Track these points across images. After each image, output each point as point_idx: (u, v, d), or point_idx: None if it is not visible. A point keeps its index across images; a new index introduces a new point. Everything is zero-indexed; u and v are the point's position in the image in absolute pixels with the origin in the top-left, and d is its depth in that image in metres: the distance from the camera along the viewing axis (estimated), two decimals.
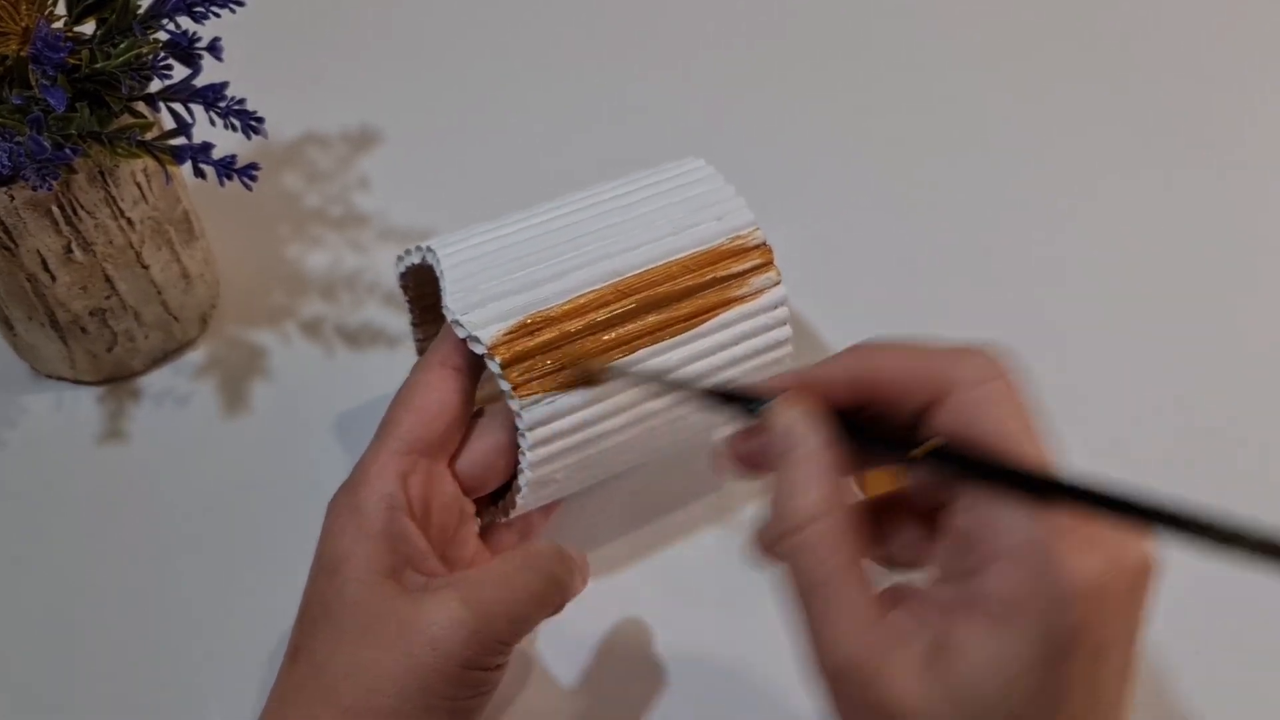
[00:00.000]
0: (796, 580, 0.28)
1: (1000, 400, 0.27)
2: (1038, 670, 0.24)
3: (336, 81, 0.67)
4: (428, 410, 0.38)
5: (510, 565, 0.36)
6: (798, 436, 0.28)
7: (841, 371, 0.29)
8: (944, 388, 0.27)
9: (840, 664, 0.26)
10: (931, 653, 0.26)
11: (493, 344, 0.37)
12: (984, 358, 0.27)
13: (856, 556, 0.27)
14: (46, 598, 0.45)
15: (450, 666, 0.33)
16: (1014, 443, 0.26)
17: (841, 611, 0.27)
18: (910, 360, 0.28)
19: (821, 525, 0.27)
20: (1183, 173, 0.62)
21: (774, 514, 0.28)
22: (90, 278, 0.46)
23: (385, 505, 0.35)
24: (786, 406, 0.29)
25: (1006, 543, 0.25)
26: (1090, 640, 0.24)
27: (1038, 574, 0.24)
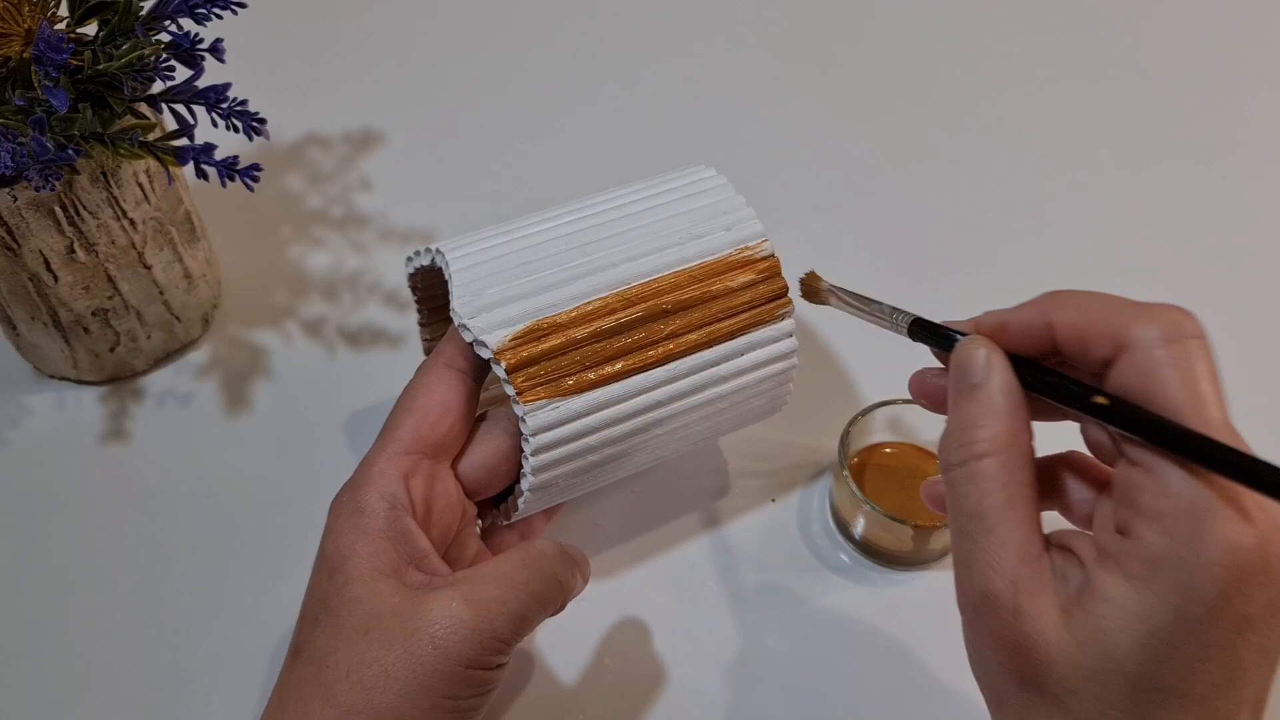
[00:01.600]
0: (963, 506, 0.28)
1: (1181, 361, 0.26)
2: (1174, 632, 0.25)
3: (338, 83, 0.67)
4: (431, 412, 0.38)
5: (511, 564, 0.36)
6: (983, 373, 0.29)
7: (1032, 318, 0.29)
8: (1126, 342, 0.27)
9: (989, 592, 0.27)
10: (1078, 598, 0.26)
11: (499, 349, 0.37)
12: (1171, 317, 0.27)
13: (1025, 495, 0.28)
14: (48, 597, 0.45)
15: (452, 666, 0.33)
16: (1188, 405, 0.26)
17: (1000, 543, 0.27)
18: (1097, 312, 0.28)
19: (996, 459, 0.28)
20: (1186, 169, 0.62)
21: (952, 442, 0.29)
22: (93, 278, 0.46)
23: (387, 505, 0.36)
24: (976, 344, 0.29)
25: (1161, 503, 0.25)
26: (1233, 611, 0.24)
27: (1185, 537, 0.25)
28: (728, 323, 0.39)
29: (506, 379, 0.36)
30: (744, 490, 0.48)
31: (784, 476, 0.48)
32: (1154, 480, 0.26)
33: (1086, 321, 0.28)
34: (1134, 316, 0.27)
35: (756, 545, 0.46)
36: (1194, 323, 0.27)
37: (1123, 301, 0.28)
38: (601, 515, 0.47)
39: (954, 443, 0.29)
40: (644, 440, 0.40)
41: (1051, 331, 0.29)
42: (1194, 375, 0.26)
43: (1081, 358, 0.28)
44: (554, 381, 0.37)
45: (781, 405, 0.43)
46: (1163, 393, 0.26)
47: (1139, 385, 0.26)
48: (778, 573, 0.45)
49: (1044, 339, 0.29)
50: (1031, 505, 0.28)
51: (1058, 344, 0.29)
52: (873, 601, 0.44)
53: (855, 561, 0.45)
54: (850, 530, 0.45)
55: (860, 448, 0.46)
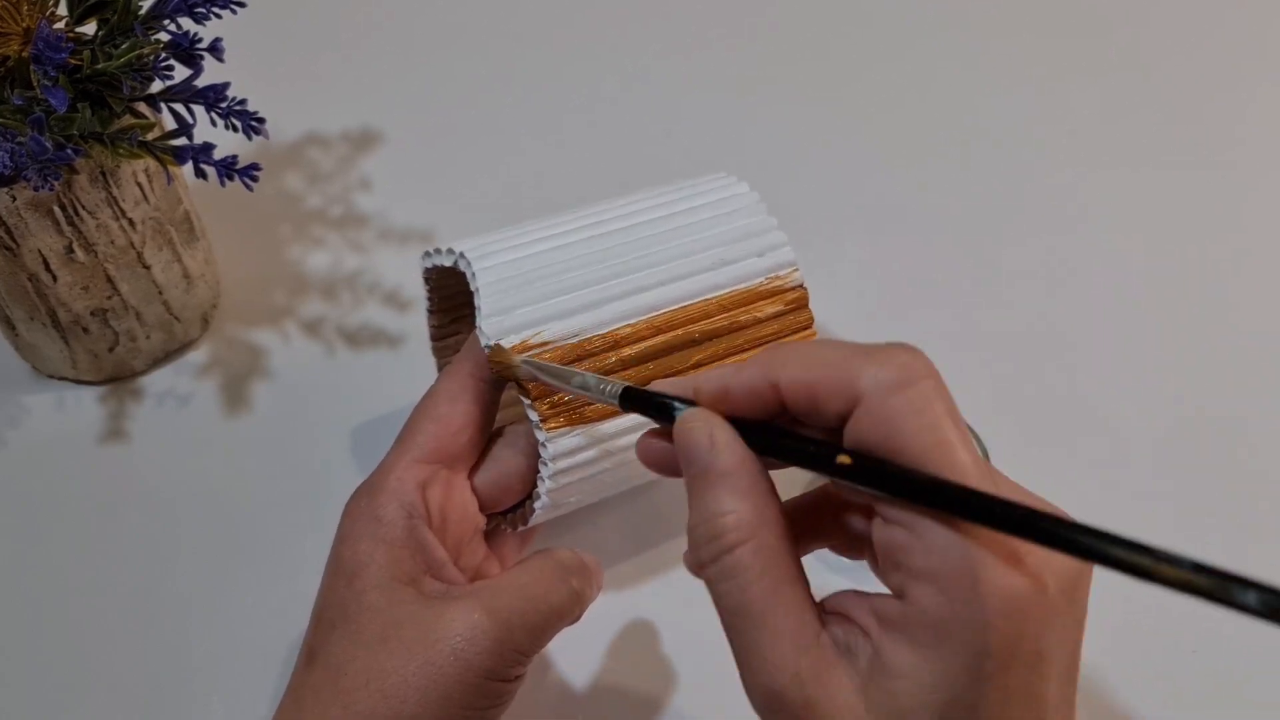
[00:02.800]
0: (725, 604, 0.26)
1: (917, 406, 0.24)
2: (972, 689, 0.24)
3: (338, 82, 0.67)
4: (452, 422, 0.38)
5: (531, 576, 0.35)
6: (709, 453, 0.27)
7: (755, 379, 0.27)
8: (857, 395, 0.25)
9: (775, 690, 0.25)
10: (870, 675, 0.25)
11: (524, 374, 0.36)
12: (899, 359, 0.25)
13: (789, 575, 0.26)
14: (48, 598, 0.45)
15: (471, 677, 0.33)
16: (933, 451, 0.24)
17: (773, 637, 0.25)
18: (822, 366, 0.26)
19: (748, 547, 0.26)
20: (1188, 170, 0.62)
21: (698, 539, 0.27)
22: (92, 278, 0.46)
23: (405, 514, 0.35)
24: (695, 420, 0.27)
25: (930, 561, 0.24)
26: (1025, 652, 0.24)
27: (961, 595, 0.23)
28: (751, 353, 0.39)
29: (530, 404, 0.36)
30: None
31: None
32: (917, 539, 0.24)
33: (812, 377, 0.26)
34: (862, 365, 0.25)
35: None
36: (923, 361, 0.25)
37: (848, 349, 0.26)
38: (603, 517, 0.46)
39: (700, 538, 0.27)
40: None
41: (777, 393, 0.26)
42: (934, 419, 0.24)
43: (815, 416, 0.26)
44: (578, 409, 0.37)
45: None
46: (905, 442, 0.24)
47: (879, 437, 0.24)
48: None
49: (771, 401, 0.27)
50: (798, 583, 0.26)
51: (786, 404, 0.26)
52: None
53: (855, 562, 0.45)
54: None
55: None
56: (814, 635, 0.26)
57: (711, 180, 0.43)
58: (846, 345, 0.26)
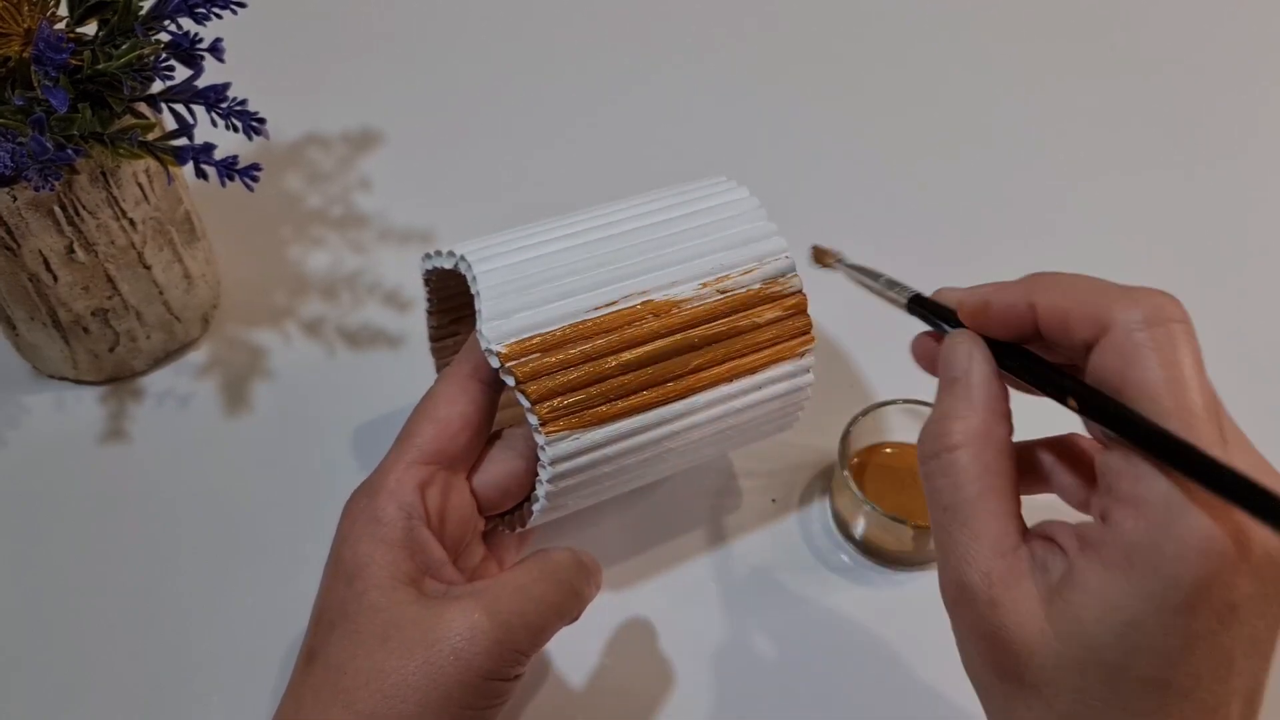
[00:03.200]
0: (937, 499, 0.28)
1: (1162, 345, 0.25)
2: (1153, 622, 0.24)
3: (338, 83, 0.67)
4: (451, 424, 0.38)
5: (530, 576, 0.36)
6: (964, 365, 0.29)
7: (1016, 298, 0.29)
8: (1107, 325, 0.26)
9: (964, 584, 0.27)
10: (1059, 588, 0.26)
11: (524, 377, 0.36)
12: (1154, 300, 0.26)
13: (1000, 487, 0.28)
14: (48, 597, 0.45)
15: (472, 677, 0.33)
16: (1167, 389, 0.25)
17: (975, 535, 0.27)
18: (1080, 294, 0.27)
19: (967, 451, 0.28)
20: (1188, 170, 0.62)
21: (927, 434, 0.29)
22: (92, 278, 0.46)
23: (405, 515, 0.35)
24: (961, 339, 0.30)
25: (1138, 488, 0.25)
26: (1215, 600, 0.24)
27: (1162, 526, 0.24)
28: (750, 358, 0.39)
29: (530, 408, 0.36)
30: (745, 490, 0.48)
31: (784, 477, 0.48)
32: (1131, 467, 0.25)
33: (1068, 304, 0.27)
34: (1116, 299, 0.26)
35: (757, 546, 0.46)
36: (1178, 307, 0.26)
37: (1106, 284, 0.27)
38: (602, 517, 0.47)
39: (929, 434, 0.29)
40: (655, 461, 0.40)
41: (1034, 314, 0.28)
42: (1175, 359, 0.25)
43: (1064, 340, 0.28)
44: (577, 413, 0.37)
45: (791, 425, 0.43)
46: (1142, 376, 0.25)
47: (1118, 368, 0.26)
48: (778, 573, 0.45)
49: (1027, 320, 0.29)
50: (1007, 497, 0.28)
51: (1040, 325, 0.28)
52: (873, 602, 0.44)
53: (856, 562, 0.45)
54: (851, 531, 0.45)
55: (861, 448, 0.46)
56: (1013, 544, 0.27)
57: (712, 185, 0.43)
58: (1105, 281, 0.28)
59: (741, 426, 0.41)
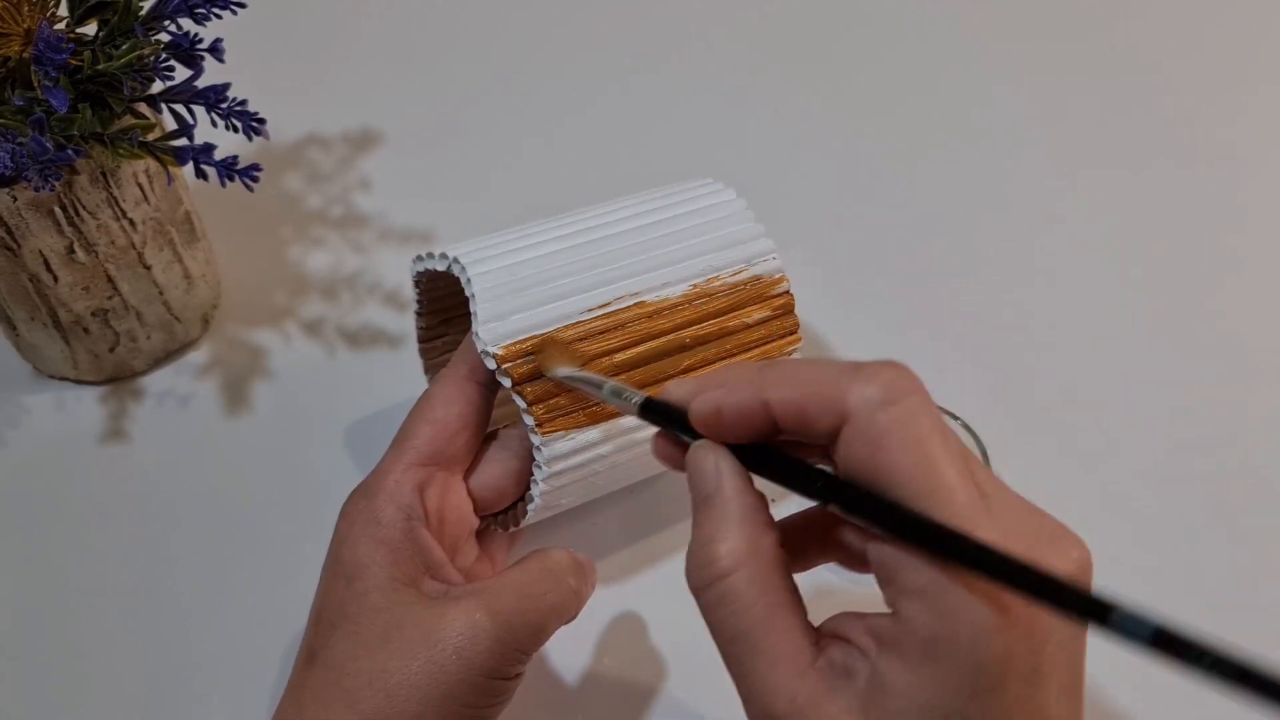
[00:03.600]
0: (721, 632, 0.27)
1: (903, 424, 0.24)
2: (969, 705, 0.24)
3: (338, 83, 0.67)
4: (448, 425, 0.38)
5: (529, 576, 0.36)
6: (713, 481, 0.27)
7: (747, 398, 0.27)
8: (845, 412, 0.25)
9: (773, 715, 0.25)
10: (868, 695, 0.25)
11: (520, 379, 0.37)
12: (885, 376, 0.25)
13: (783, 601, 0.26)
14: (48, 598, 0.45)
15: (474, 676, 0.33)
16: (918, 470, 0.24)
17: (769, 663, 0.26)
18: (811, 384, 0.26)
19: (741, 575, 0.26)
20: (1188, 169, 0.62)
21: (694, 564, 0.27)
22: (92, 278, 0.46)
23: (404, 516, 0.36)
24: (703, 452, 0.28)
25: (916, 579, 0.24)
26: (1020, 667, 0.24)
27: (950, 611, 0.23)
28: (740, 358, 0.40)
29: (527, 408, 0.37)
30: None
31: None
32: (906, 556, 0.24)
33: (801, 396, 0.26)
34: (849, 383, 0.25)
35: None
36: (910, 378, 0.25)
37: (835, 368, 0.26)
38: (600, 516, 0.47)
39: (695, 564, 0.27)
40: (648, 459, 0.40)
41: (769, 410, 0.27)
42: (919, 436, 0.24)
43: (806, 433, 0.26)
44: (572, 413, 0.37)
45: None
46: (891, 459, 0.24)
47: (867, 455, 0.25)
48: None
49: (765, 419, 0.27)
50: (793, 610, 0.27)
51: (777, 423, 0.27)
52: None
53: None
54: None
55: None
56: (810, 660, 0.26)
57: (700, 186, 0.43)
58: (834, 364, 0.26)
59: None
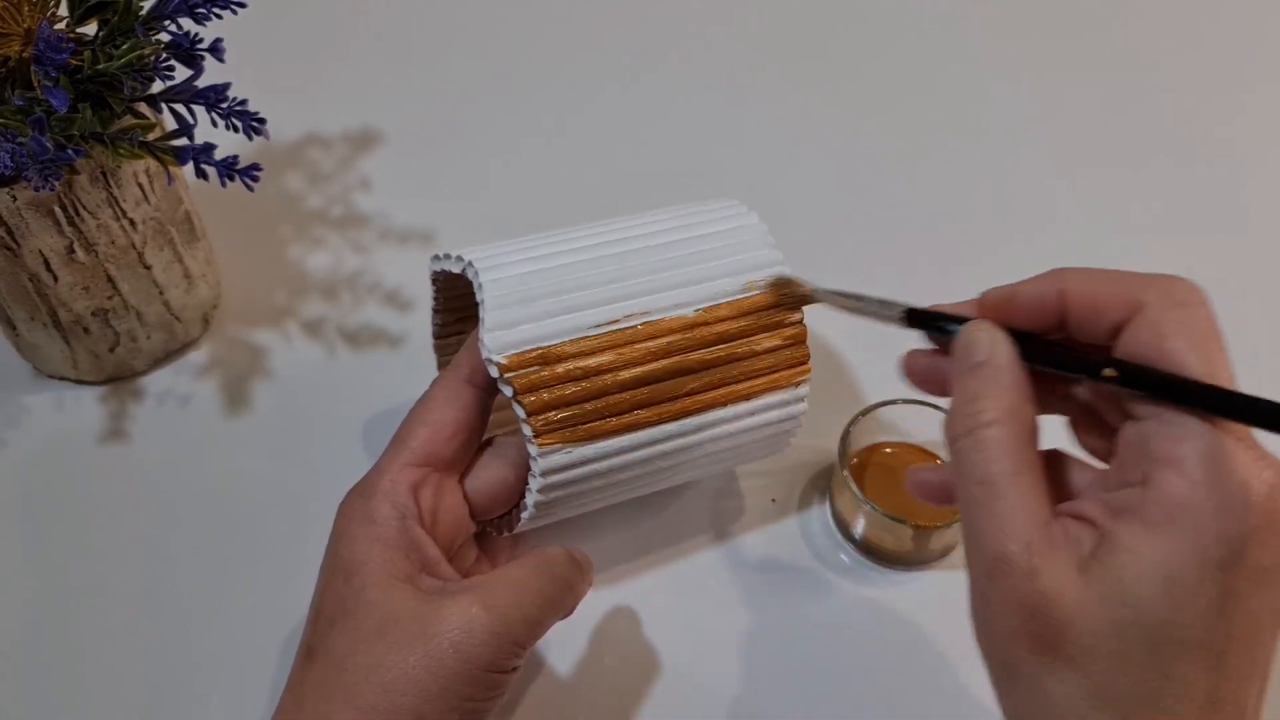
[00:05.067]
0: (971, 473, 0.28)
1: (1190, 325, 0.27)
2: (1194, 577, 0.25)
3: (338, 83, 0.67)
4: (445, 427, 0.38)
5: (525, 571, 0.36)
6: (987, 349, 0.29)
7: (1043, 288, 0.29)
8: (1136, 307, 0.27)
9: (1003, 555, 0.27)
10: (1094, 554, 0.26)
11: (522, 388, 0.37)
12: (1181, 285, 0.28)
13: (1032, 462, 0.28)
14: (48, 598, 0.45)
15: (471, 669, 0.33)
16: (1200, 364, 0.26)
17: (1011, 507, 0.27)
18: (1109, 280, 0.28)
19: (1001, 427, 0.28)
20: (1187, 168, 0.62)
21: (957, 414, 0.29)
22: (92, 278, 0.46)
23: (399, 515, 0.36)
24: (980, 326, 0.30)
25: (1180, 448, 0.25)
26: (1252, 561, 0.25)
27: (1209, 479, 0.25)
28: (746, 385, 0.40)
29: (526, 419, 0.37)
30: (745, 490, 0.48)
31: (784, 477, 0.48)
32: (1170, 429, 0.26)
33: (1099, 289, 0.28)
34: (1146, 283, 0.28)
35: (757, 545, 0.46)
36: (1201, 293, 0.28)
37: (1130, 273, 0.28)
38: (602, 516, 0.47)
39: (959, 414, 0.29)
40: (645, 478, 0.40)
41: (1063, 301, 0.29)
42: (1204, 335, 0.27)
43: (1093, 324, 0.28)
44: (571, 427, 0.37)
45: (783, 449, 0.43)
46: (1177, 349, 0.26)
47: (1153, 343, 0.27)
48: (778, 573, 0.45)
49: (1051, 311, 0.29)
50: (1039, 474, 0.28)
51: (1068, 312, 0.29)
52: (873, 601, 0.44)
53: (855, 561, 0.45)
54: (850, 530, 0.45)
55: (860, 448, 0.46)
56: (1047, 517, 0.27)
57: (723, 208, 0.43)
58: (1128, 271, 0.29)
59: (733, 450, 0.41)
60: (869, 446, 0.47)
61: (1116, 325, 0.28)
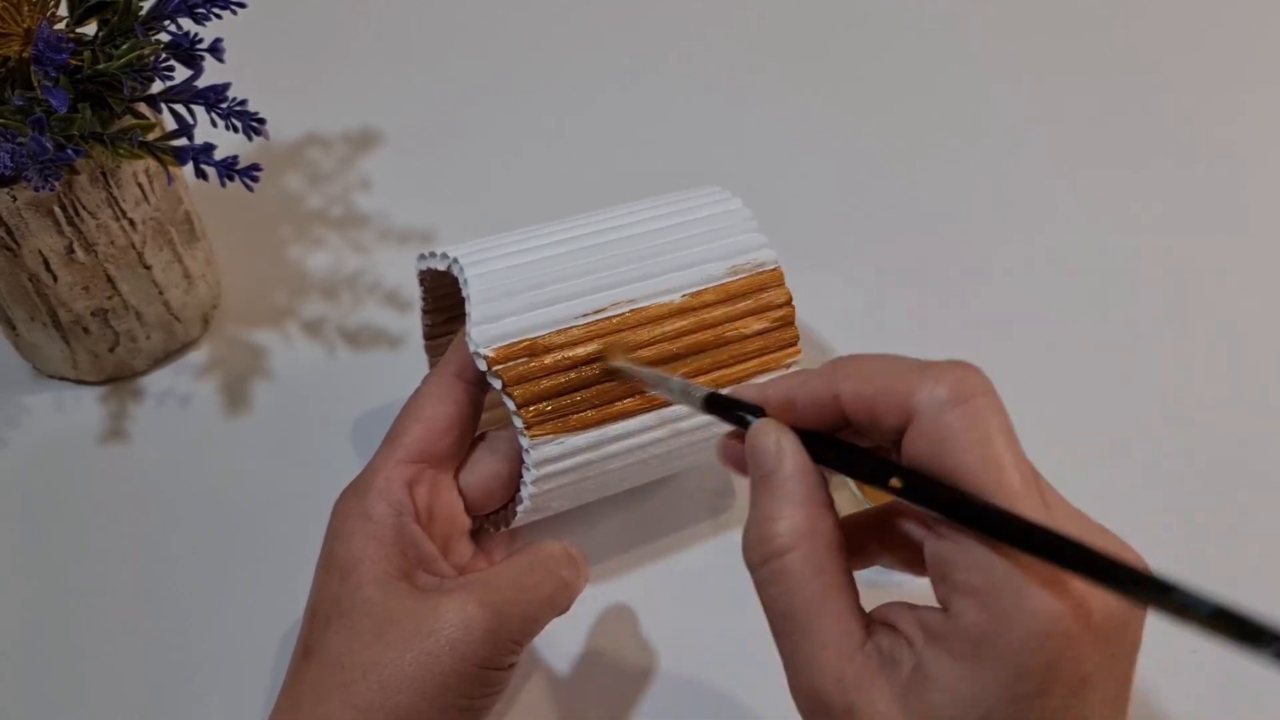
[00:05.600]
0: (773, 608, 0.27)
1: (971, 423, 0.25)
2: (1010, 707, 0.24)
3: (338, 82, 0.67)
4: (438, 423, 0.38)
5: (521, 568, 0.36)
6: (774, 459, 0.28)
7: (819, 390, 0.28)
8: (912, 410, 0.25)
9: (818, 692, 0.26)
10: (911, 684, 0.25)
11: (511, 381, 0.37)
12: (955, 375, 0.25)
13: (837, 583, 0.27)
14: (48, 597, 0.45)
15: (468, 667, 0.33)
16: (982, 469, 0.24)
17: (820, 642, 0.26)
18: (882, 379, 0.26)
19: (797, 554, 0.27)
20: (1187, 168, 0.62)
21: (751, 540, 0.28)
22: (92, 278, 0.46)
23: (394, 512, 0.36)
24: (766, 429, 0.28)
25: (974, 578, 0.24)
26: (1067, 676, 0.24)
27: (1004, 614, 0.24)
28: (736, 369, 0.40)
29: (516, 411, 0.37)
30: (743, 490, 0.48)
31: None
32: (963, 554, 0.24)
33: (871, 390, 0.26)
34: (919, 381, 0.25)
35: None
36: (980, 379, 0.25)
37: (907, 364, 0.26)
38: (600, 514, 0.47)
39: (753, 540, 0.27)
40: (639, 467, 0.40)
41: (839, 403, 0.27)
42: (986, 437, 0.25)
43: (873, 428, 0.27)
44: (562, 417, 0.37)
45: None
46: (956, 460, 0.25)
47: (931, 453, 0.25)
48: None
49: (834, 411, 0.27)
50: (846, 592, 0.27)
51: (847, 416, 0.27)
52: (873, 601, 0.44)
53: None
54: None
55: None
56: (858, 643, 0.26)
57: (706, 195, 0.43)
58: (905, 361, 0.27)
59: None
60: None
61: (896, 429, 0.26)
